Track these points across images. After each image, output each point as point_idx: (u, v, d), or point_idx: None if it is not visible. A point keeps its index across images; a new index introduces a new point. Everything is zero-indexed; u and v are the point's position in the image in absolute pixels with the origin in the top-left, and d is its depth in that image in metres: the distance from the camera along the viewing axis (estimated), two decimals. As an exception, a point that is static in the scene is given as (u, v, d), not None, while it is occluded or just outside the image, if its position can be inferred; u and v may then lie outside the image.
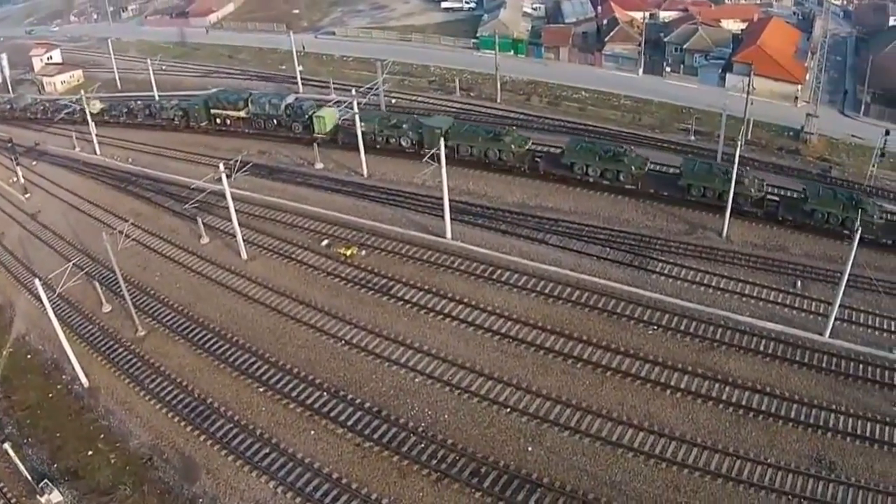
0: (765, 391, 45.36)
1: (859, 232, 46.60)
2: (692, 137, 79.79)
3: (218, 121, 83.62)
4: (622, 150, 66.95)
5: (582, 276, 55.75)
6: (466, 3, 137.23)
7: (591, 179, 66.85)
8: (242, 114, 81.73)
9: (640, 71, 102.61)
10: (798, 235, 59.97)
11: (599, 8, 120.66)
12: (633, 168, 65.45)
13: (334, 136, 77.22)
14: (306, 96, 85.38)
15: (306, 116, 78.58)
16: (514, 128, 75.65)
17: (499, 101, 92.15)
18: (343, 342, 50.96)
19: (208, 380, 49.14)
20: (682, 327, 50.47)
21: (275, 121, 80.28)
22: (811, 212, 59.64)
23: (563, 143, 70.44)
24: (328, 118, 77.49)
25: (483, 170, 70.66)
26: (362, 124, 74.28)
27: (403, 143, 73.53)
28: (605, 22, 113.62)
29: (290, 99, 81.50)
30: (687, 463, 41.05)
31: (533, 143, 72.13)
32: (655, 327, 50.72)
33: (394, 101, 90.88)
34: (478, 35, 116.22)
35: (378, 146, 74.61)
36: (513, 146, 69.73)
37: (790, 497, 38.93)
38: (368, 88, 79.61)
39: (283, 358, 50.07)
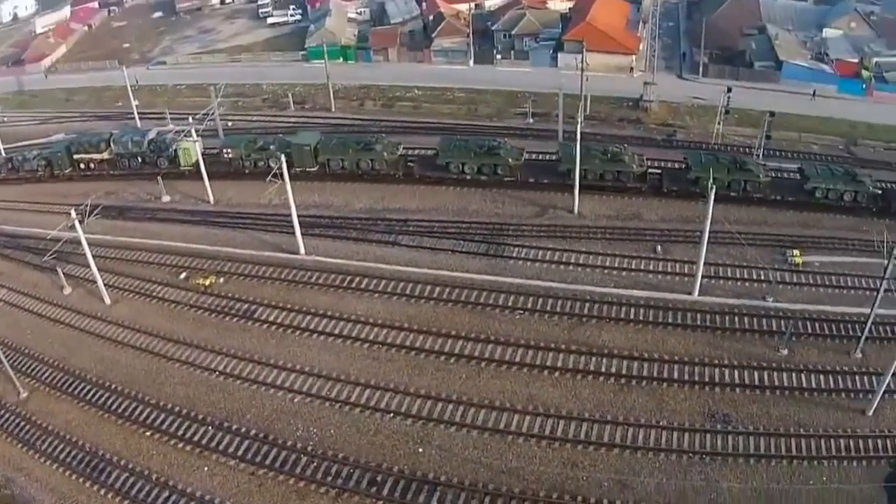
0: (643, 357, 47.24)
1: (713, 190, 47.89)
2: (530, 120, 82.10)
3: (82, 165, 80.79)
4: (497, 144, 67.92)
5: (440, 273, 56.80)
6: (291, 15, 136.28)
7: (468, 177, 67.62)
8: (106, 155, 79.27)
9: (471, 62, 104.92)
10: (651, 201, 62.53)
11: (424, 5, 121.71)
12: (509, 160, 66.53)
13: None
14: (167, 129, 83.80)
15: (171, 150, 77.02)
16: (384, 135, 75.94)
17: (333, 109, 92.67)
18: (217, 373, 50.42)
19: (96, 432, 47.93)
20: (549, 307, 52.06)
21: (139, 158, 78.23)
22: (696, 179, 61.31)
23: (436, 143, 70.86)
24: (192, 150, 76.11)
25: (330, 180, 71.25)
26: (230, 150, 73.84)
27: (272, 165, 72.16)
28: (431, 18, 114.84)
29: (151, 134, 79.45)
30: (579, 439, 42.31)
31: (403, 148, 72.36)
32: (522, 311, 51.95)
33: (230, 123, 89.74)
34: (306, 46, 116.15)
35: (247, 170, 73.94)
36: (385, 154, 70.14)
37: (691, 455, 40.71)
38: (205, 114, 78.63)
39: (162, 398, 49.23)
